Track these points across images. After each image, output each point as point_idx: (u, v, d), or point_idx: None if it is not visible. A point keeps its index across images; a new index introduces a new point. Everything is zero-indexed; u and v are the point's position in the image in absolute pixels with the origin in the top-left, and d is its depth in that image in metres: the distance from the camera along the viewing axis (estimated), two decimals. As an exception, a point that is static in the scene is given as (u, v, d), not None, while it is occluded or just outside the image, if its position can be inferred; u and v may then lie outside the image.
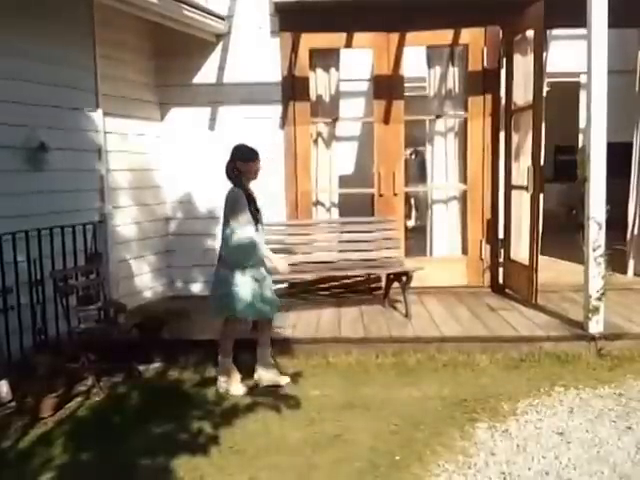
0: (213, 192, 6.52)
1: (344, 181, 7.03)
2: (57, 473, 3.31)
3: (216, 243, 6.46)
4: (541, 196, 6.11)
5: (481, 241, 6.53)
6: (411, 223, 9.32)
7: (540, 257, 5.83)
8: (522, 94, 6.08)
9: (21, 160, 4.83)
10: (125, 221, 6.05)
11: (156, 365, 4.90)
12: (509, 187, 6.39)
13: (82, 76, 5.49)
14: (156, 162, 6.60)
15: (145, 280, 6.41)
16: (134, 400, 4.31)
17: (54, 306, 4.60)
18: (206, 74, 6.52)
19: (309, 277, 6.12)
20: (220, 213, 6.40)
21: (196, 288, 6.72)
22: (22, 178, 4.83)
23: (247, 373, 4.47)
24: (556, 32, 7.50)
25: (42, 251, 4.62)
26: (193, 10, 5.78)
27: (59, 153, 5.10)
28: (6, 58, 4.64)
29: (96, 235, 5.14)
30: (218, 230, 6.37)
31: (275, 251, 5.98)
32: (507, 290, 6.34)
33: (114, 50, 5.87)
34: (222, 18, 6.29)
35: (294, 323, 5.55)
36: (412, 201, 9.84)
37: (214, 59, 6.50)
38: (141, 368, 4.78)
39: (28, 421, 3.92)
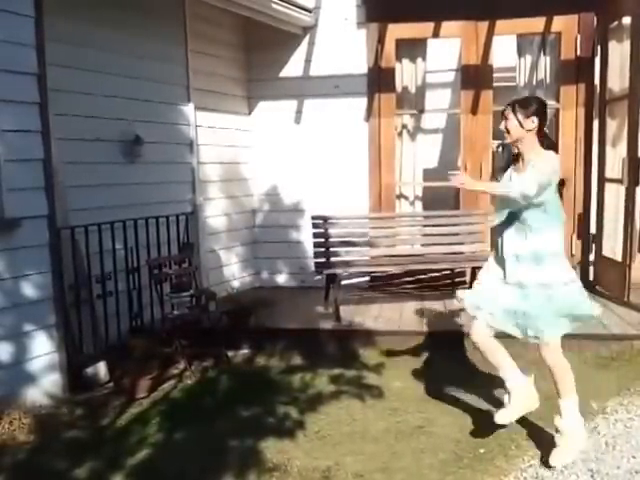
0: (298, 185, 6.68)
1: (428, 174, 6.95)
2: (152, 450, 3.47)
3: (301, 235, 6.65)
4: (638, 189, 5.81)
5: (572, 236, 6.30)
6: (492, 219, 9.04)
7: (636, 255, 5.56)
8: (618, 83, 5.81)
9: (118, 153, 5.09)
10: (215, 213, 6.23)
11: (244, 351, 5.04)
12: (602, 180, 6.13)
13: (175, 70, 5.69)
14: (244, 155, 6.75)
15: (233, 270, 6.59)
16: (223, 384, 4.46)
17: (149, 292, 4.82)
18: (293, 67, 6.60)
19: (392, 270, 6.11)
20: (305, 206, 6.59)
21: (281, 279, 6.86)
22: (120, 170, 5.08)
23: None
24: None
25: (138, 240, 4.84)
26: (282, 3, 5.85)
27: (153, 146, 5.31)
28: (104, 53, 4.86)
29: (188, 226, 5.33)
30: (303, 222, 6.55)
31: (357, 244, 6.07)
32: (598, 287, 6.09)
33: (205, 44, 6.03)
34: (309, 10, 6.34)
35: (376, 315, 5.57)
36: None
37: (300, 52, 6.57)
38: (230, 354, 4.92)
39: (124, 401, 4.11)
